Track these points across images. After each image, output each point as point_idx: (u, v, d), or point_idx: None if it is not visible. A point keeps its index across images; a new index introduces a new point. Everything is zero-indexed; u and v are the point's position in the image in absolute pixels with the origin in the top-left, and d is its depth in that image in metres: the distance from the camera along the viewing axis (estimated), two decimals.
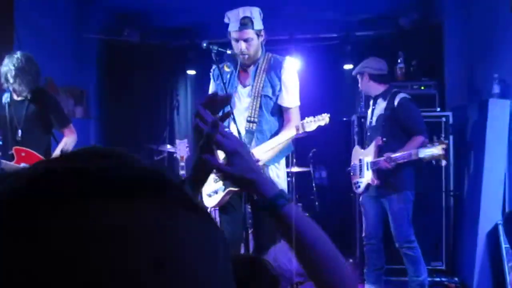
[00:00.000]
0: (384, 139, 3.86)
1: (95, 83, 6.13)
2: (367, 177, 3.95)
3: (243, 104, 3.13)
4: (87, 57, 5.94)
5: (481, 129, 4.10)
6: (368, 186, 3.97)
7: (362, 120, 4.82)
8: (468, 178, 4.45)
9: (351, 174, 4.25)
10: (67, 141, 3.82)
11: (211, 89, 3.33)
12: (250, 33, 3.05)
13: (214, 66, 3.29)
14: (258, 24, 3.10)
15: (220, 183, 3.14)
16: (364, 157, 4.02)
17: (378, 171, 3.87)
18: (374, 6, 5.77)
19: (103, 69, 6.18)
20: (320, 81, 5.99)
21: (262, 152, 3.01)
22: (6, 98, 3.78)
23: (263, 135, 3.09)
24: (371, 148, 3.94)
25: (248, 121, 3.08)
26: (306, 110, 3.21)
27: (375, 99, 4.08)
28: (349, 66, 6.11)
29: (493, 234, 3.95)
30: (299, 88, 3.17)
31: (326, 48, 6.11)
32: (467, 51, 4.97)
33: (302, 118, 3.17)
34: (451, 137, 4.59)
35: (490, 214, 3.97)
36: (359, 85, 4.15)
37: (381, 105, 3.99)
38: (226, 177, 1.13)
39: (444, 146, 3.58)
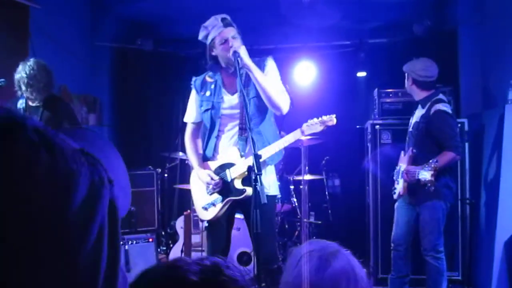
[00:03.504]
0: (414, 150, 3.77)
1: (108, 91, 6.17)
2: (400, 185, 3.88)
3: (232, 112, 3.09)
4: (100, 65, 5.98)
5: (498, 135, 4.02)
6: (401, 195, 3.89)
7: (376, 127, 4.78)
8: (484, 186, 4.36)
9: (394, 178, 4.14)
10: None
11: (194, 100, 3.25)
12: (234, 30, 3.00)
13: (194, 78, 3.27)
14: (236, 27, 3.06)
15: (215, 195, 3.11)
16: (401, 164, 3.94)
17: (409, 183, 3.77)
18: (387, 13, 5.74)
19: (116, 77, 6.22)
20: (334, 89, 5.97)
21: (266, 152, 2.99)
22: (21, 104, 3.81)
23: (261, 135, 3.04)
24: (406, 157, 3.87)
25: (241, 128, 3.04)
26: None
27: (417, 104, 3.96)
28: (363, 74, 6.09)
29: (511, 243, 3.86)
30: (281, 83, 3.09)
31: (339, 55, 6.09)
32: (481, 57, 4.90)
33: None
34: (466, 144, 4.51)
35: (507, 223, 3.88)
36: (405, 82, 3.97)
37: (419, 112, 3.87)
38: None
39: (432, 172, 3.45)
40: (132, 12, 5.97)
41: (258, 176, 2.57)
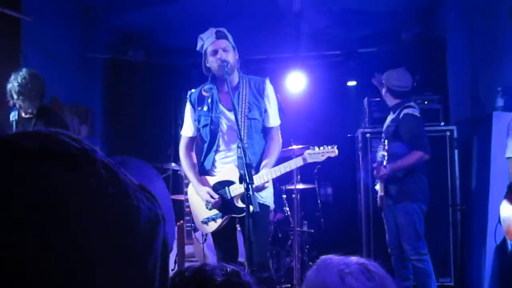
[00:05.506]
0: (381, 152, 3.88)
1: (100, 102, 6.17)
2: (378, 188, 3.99)
3: (233, 128, 3.09)
4: (92, 76, 5.99)
5: (486, 142, 4.07)
6: (382, 197, 3.98)
7: (367, 135, 4.82)
8: (474, 192, 4.41)
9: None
10: None
11: (190, 115, 3.25)
12: (226, 43, 3.04)
13: (189, 92, 3.28)
14: (232, 41, 3.10)
15: (214, 210, 3.12)
16: None
17: (384, 183, 3.89)
18: (376, 22, 5.81)
19: (108, 88, 6.23)
20: (324, 98, 6.01)
21: (268, 175, 3.02)
22: (13, 116, 3.79)
23: (256, 156, 3.09)
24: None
25: (238, 147, 3.01)
26: (311, 128, 3.21)
27: (389, 109, 4.17)
28: (353, 83, 6.15)
29: (502, 248, 3.89)
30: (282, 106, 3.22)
31: (330, 65, 6.15)
32: (470, 65, 4.97)
33: (308, 139, 3.18)
34: (456, 151, 4.57)
35: (498, 228, 3.92)
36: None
37: (391, 117, 4.09)
38: None
39: (383, 147, 3.79)
40: (124, 23, 6.00)
41: (250, 185, 2.59)
